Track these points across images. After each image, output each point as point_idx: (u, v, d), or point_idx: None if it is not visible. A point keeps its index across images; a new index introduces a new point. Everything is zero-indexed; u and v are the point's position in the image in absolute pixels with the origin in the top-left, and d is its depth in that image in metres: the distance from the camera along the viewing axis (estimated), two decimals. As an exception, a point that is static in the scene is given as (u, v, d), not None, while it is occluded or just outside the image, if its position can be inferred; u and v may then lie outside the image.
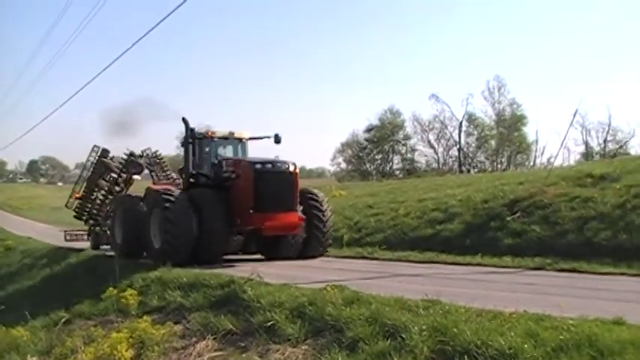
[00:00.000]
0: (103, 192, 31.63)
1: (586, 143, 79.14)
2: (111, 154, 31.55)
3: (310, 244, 20.51)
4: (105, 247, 28.79)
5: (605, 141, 78.71)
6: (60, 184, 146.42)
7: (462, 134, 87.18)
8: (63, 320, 15.84)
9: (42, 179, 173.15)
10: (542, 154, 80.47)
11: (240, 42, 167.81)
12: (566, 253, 15.86)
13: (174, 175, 28.44)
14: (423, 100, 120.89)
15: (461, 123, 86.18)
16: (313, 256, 20.32)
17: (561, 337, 7.20)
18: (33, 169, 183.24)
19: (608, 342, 6.81)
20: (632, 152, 68.28)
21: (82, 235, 34.85)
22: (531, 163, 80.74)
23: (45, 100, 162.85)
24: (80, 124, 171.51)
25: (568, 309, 8.24)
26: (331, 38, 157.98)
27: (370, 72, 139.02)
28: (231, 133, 22.26)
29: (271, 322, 10.39)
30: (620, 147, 76.63)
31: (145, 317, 13.07)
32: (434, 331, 8.14)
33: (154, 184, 25.95)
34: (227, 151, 22.44)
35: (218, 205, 19.35)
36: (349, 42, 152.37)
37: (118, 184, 30.74)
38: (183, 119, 21.08)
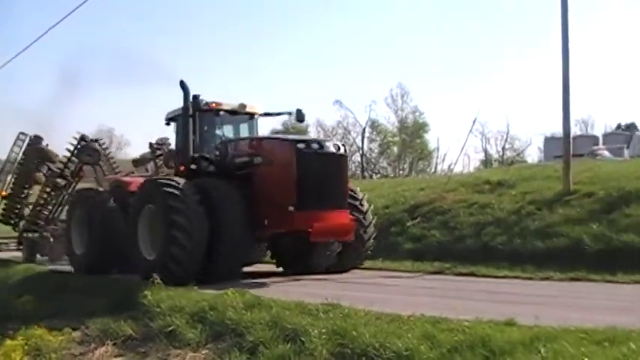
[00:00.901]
0: (41, 188, 25.25)
1: (485, 151, 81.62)
2: (45, 143, 25.62)
3: (347, 253, 16.00)
4: (42, 258, 23.54)
5: (503, 149, 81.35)
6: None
7: (365, 140, 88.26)
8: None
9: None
10: (443, 160, 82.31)
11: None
12: (464, 257, 16.27)
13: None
14: (327, 105, 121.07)
15: (364, 129, 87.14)
16: (345, 270, 16.18)
17: (456, 338, 7.37)
18: None
19: (499, 342, 7.01)
20: (529, 160, 71.09)
21: (6, 243, 28.45)
22: (432, 170, 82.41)
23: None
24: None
25: (464, 311, 8.42)
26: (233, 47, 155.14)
27: (275, 76, 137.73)
28: (242, 106, 17.02)
29: (172, 327, 10.29)
30: (518, 155, 79.38)
31: (41, 323, 12.72)
32: (333, 334, 8.22)
33: (104, 177, 21.75)
34: (226, 131, 17.73)
35: (238, 201, 14.59)
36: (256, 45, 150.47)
37: (63, 177, 24.20)
38: (181, 83, 15.87)
